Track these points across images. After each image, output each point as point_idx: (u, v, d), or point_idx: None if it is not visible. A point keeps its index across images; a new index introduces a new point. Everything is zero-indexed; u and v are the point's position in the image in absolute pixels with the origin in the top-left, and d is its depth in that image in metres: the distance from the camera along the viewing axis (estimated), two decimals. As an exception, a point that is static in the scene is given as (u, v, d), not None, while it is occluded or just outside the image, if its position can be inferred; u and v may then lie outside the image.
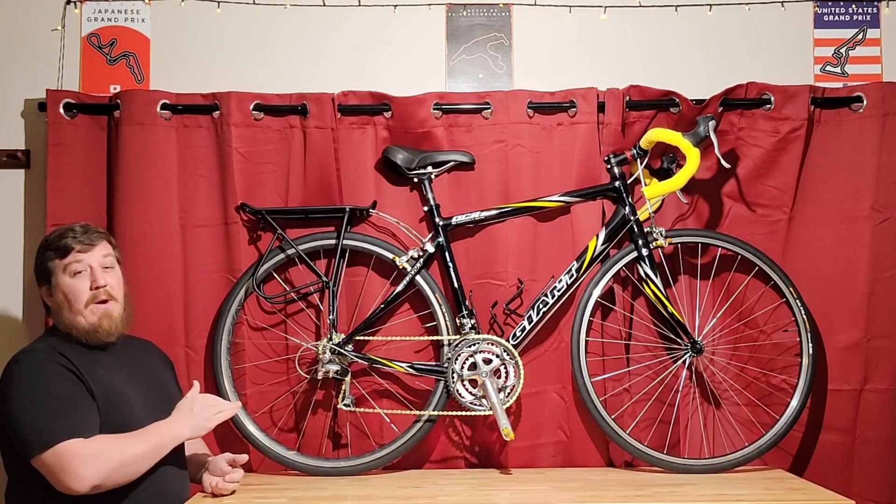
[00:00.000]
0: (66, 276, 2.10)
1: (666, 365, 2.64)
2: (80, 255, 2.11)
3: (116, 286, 2.15)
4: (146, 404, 2.11)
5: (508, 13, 2.84)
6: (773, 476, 2.50)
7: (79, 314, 2.09)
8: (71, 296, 2.09)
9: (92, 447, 1.92)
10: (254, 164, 2.64)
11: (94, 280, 2.10)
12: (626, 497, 2.22)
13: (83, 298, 2.09)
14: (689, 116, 2.62)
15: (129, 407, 2.06)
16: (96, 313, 2.10)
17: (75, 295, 2.09)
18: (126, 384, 2.10)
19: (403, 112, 2.65)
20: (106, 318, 2.11)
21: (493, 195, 2.65)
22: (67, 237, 2.12)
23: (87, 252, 2.12)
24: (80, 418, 1.97)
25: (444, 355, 2.54)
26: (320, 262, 2.64)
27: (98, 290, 2.10)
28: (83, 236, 2.13)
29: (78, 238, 2.12)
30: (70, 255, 2.10)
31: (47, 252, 2.13)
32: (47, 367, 2.01)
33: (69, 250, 2.10)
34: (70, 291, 2.09)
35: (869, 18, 2.86)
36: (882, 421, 2.61)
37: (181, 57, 2.80)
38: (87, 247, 2.12)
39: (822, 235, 2.66)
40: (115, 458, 1.94)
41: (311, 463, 2.54)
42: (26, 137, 2.77)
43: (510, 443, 2.56)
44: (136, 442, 1.99)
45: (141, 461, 1.98)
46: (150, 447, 2.00)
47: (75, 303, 2.09)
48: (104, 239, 2.18)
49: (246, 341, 2.61)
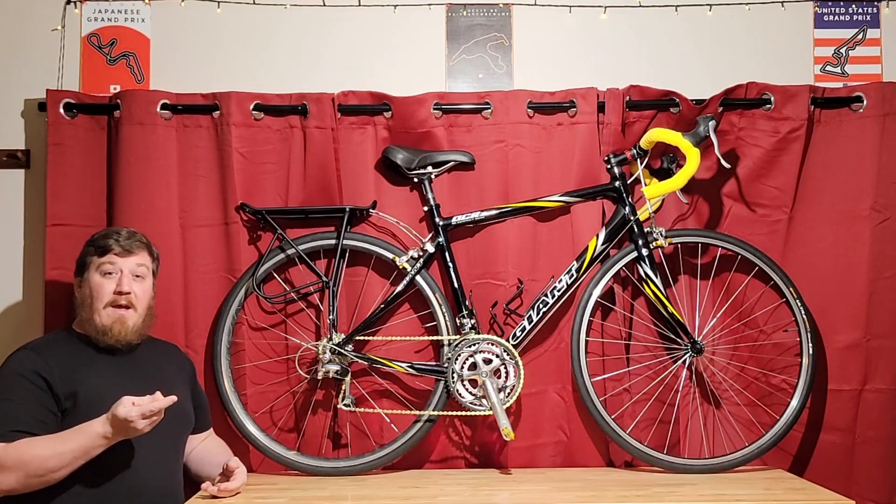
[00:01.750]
0: (97, 274, 2.18)
1: (666, 365, 2.64)
2: (116, 259, 2.18)
3: (141, 296, 2.20)
4: None
5: (508, 13, 2.84)
6: (773, 476, 2.50)
7: (96, 312, 2.15)
8: (95, 293, 2.16)
9: (3, 456, 1.94)
10: (254, 164, 2.64)
11: (119, 284, 2.16)
12: (626, 497, 2.22)
13: (105, 299, 2.16)
14: (689, 116, 2.62)
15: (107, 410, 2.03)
16: (112, 317, 2.16)
17: (99, 293, 2.16)
18: (120, 387, 2.07)
19: (403, 112, 2.65)
20: (118, 324, 2.15)
21: (493, 195, 2.65)
22: (111, 237, 2.20)
23: (124, 258, 2.19)
24: (18, 424, 1.98)
25: (444, 355, 2.54)
26: (320, 262, 2.64)
27: (120, 294, 2.16)
28: (125, 241, 2.21)
29: (120, 242, 2.20)
30: (107, 256, 2.18)
31: (89, 247, 2.23)
32: (16, 368, 2.06)
33: (108, 251, 2.18)
34: (95, 289, 2.17)
35: (869, 18, 2.86)
36: (882, 421, 2.61)
37: (181, 57, 2.80)
38: (126, 252, 2.20)
39: (822, 235, 2.66)
40: (25, 470, 1.94)
41: (311, 463, 2.54)
42: (26, 137, 2.77)
43: (510, 443, 2.56)
44: (52, 446, 1.97)
45: (59, 466, 1.96)
46: (69, 447, 1.97)
47: (97, 300, 2.16)
48: (145, 249, 2.25)
49: (246, 341, 2.61)
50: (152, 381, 2.19)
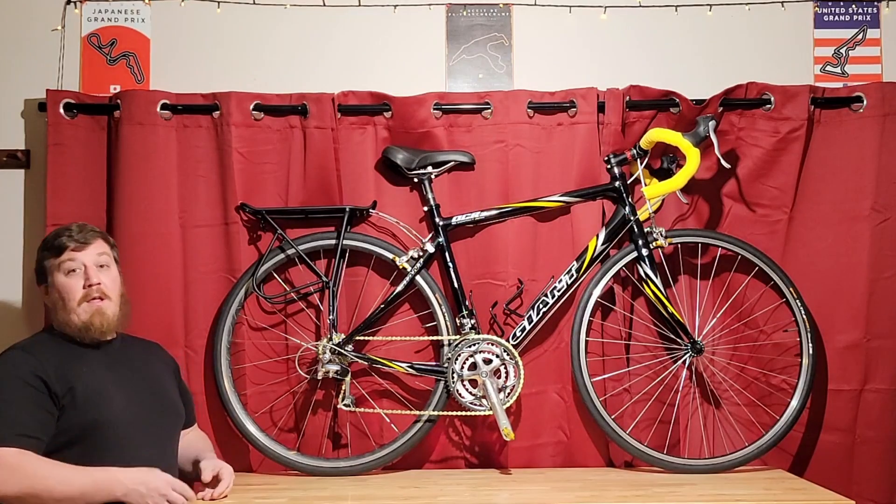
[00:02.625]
0: (61, 275, 2.11)
1: (666, 365, 2.64)
2: (74, 254, 2.11)
3: (111, 285, 2.15)
4: (130, 404, 2.08)
5: (508, 13, 2.84)
6: (773, 476, 2.50)
7: (72, 312, 2.09)
8: (65, 294, 2.10)
9: (16, 463, 1.91)
10: (254, 164, 2.64)
11: (87, 278, 2.10)
12: (626, 497, 2.22)
13: (76, 296, 2.09)
14: (689, 116, 2.62)
15: (108, 404, 2.04)
16: (89, 311, 2.10)
17: (69, 293, 2.10)
18: (112, 383, 2.08)
19: (403, 112, 2.65)
20: (98, 316, 2.10)
21: (493, 195, 2.65)
22: (63, 236, 2.13)
23: (82, 251, 2.12)
24: (21, 427, 1.95)
25: (444, 355, 2.54)
26: (320, 262, 2.64)
27: (91, 287, 2.10)
28: (78, 235, 2.13)
29: (73, 237, 2.13)
30: (64, 254, 2.11)
31: (44, 252, 2.15)
32: (15, 367, 2.02)
33: (63, 249, 2.11)
34: (64, 289, 2.10)
35: (869, 18, 2.86)
36: (882, 421, 2.61)
37: (181, 57, 2.80)
38: (82, 245, 2.13)
39: (822, 235, 2.66)
40: (30, 484, 1.90)
41: (311, 463, 2.54)
42: (26, 137, 2.77)
43: (510, 443, 2.56)
44: (66, 473, 1.94)
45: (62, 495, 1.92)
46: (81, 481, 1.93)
47: (69, 301, 2.09)
48: (99, 238, 2.18)
49: (246, 341, 2.60)
50: (141, 374, 2.19)
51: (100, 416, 2.02)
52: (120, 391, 2.09)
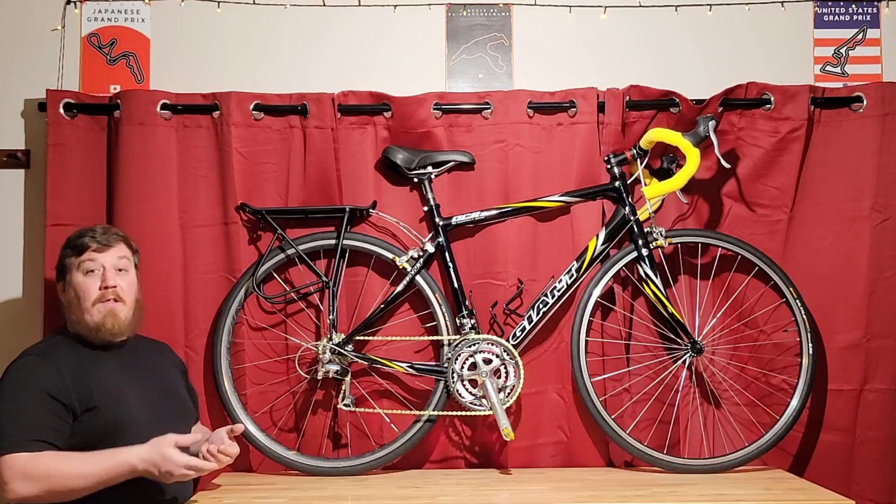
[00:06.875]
0: (79, 274, 2.15)
1: (666, 365, 2.64)
2: (95, 255, 2.16)
3: (127, 289, 2.18)
4: (145, 404, 2.12)
5: (508, 13, 2.84)
6: (773, 476, 2.50)
7: (86, 312, 2.13)
8: (81, 293, 2.14)
9: (31, 467, 1.94)
10: (254, 164, 2.64)
11: (104, 280, 2.14)
12: (626, 497, 2.22)
13: (92, 297, 2.13)
14: (689, 116, 2.62)
15: (124, 405, 2.08)
16: (102, 312, 2.13)
17: (85, 293, 2.13)
18: (125, 384, 2.12)
19: (403, 112, 2.65)
20: (111, 318, 2.13)
21: (493, 195, 2.65)
22: (86, 236, 2.17)
23: (103, 252, 2.16)
24: (36, 433, 1.97)
25: (444, 355, 2.54)
26: (320, 262, 2.64)
27: (107, 290, 2.14)
28: (101, 237, 2.18)
29: (96, 238, 2.17)
30: (85, 254, 2.15)
31: (66, 249, 2.20)
32: (30, 374, 2.04)
33: (85, 249, 2.16)
34: (80, 288, 2.14)
35: (869, 18, 2.86)
36: (882, 421, 2.61)
37: (181, 57, 2.80)
38: (103, 247, 2.17)
39: (822, 235, 2.66)
40: (48, 484, 1.94)
41: (311, 463, 2.54)
42: (26, 137, 2.77)
43: (510, 443, 2.56)
44: (80, 466, 1.96)
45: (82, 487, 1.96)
46: (96, 472, 1.96)
47: (84, 300, 2.13)
48: (122, 242, 2.22)
49: (246, 341, 2.61)
50: (153, 374, 2.22)
51: (119, 417, 2.05)
52: (135, 392, 2.13)
